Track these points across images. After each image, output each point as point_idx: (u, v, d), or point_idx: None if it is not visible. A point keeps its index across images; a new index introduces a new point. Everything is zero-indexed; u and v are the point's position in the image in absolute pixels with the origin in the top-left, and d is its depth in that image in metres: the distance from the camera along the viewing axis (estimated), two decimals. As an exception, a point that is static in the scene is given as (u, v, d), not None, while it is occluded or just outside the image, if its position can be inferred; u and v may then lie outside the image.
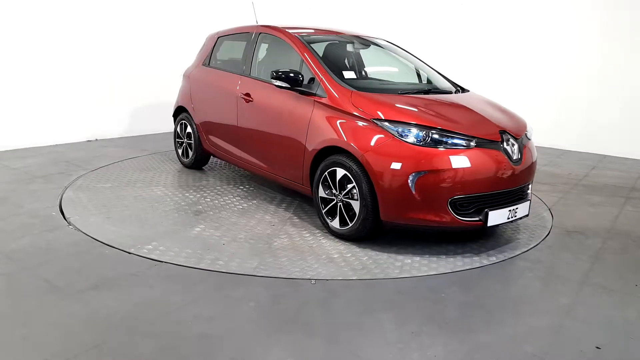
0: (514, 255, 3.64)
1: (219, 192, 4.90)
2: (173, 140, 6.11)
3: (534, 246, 3.83)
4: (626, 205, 5.00)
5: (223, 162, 6.12)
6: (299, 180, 4.15)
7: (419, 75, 4.81)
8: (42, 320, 2.56)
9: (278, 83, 4.08)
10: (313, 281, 3.10)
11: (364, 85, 4.12)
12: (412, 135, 3.37)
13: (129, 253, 3.41)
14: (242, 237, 3.77)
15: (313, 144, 3.87)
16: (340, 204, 3.71)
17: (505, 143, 3.57)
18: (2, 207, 4.23)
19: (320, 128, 3.81)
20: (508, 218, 3.55)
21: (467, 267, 3.39)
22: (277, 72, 4.02)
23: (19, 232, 3.71)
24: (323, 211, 3.87)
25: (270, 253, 3.51)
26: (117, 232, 3.77)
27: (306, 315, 2.71)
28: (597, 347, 2.49)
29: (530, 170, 3.81)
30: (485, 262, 3.49)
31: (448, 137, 3.38)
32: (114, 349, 2.34)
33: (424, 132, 3.37)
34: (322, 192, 3.85)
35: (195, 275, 3.15)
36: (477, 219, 3.43)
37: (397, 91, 4.11)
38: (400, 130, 3.40)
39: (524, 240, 3.93)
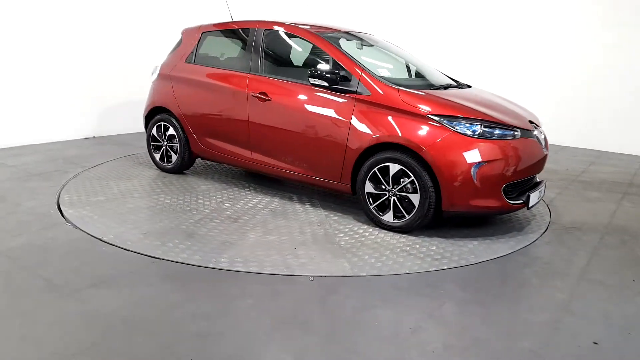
0: (511, 251, 3.65)
1: (232, 196, 4.70)
2: (147, 144, 5.57)
3: (532, 242, 3.84)
4: (623, 201, 5.01)
5: (206, 163, 5.89)
6: (335, 178, 4.13)
7: (409, 71, 4.81)
8: (40, 319, 2.56)
9: (318, 82, 4.03)
10: (311, 278, 3.10)
11: (396, 82, 4.10)
12: (469, 128, 3.62)
13: (128, 250, 3.41)
14: (304, 240, 3.71)
15: (359, 142, 3.89)
16: (394, 198, 3.81)
17: (535, 132, 4.00)
18: (-1, 205, 4.23)
19: (368, 125, 3.86)
20: (537, 199, 3.97)
21: (465, 263, 3.40)
22: (315, 71, 4.01)
23: (17, 230, 3.70)
24: (372, 207, 3.94)
25: (349, 252, 3.51)
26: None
27: (304, 313, 2.71)
28: (595, 343, 2.50)
29: (547, 156, 4.20)
30: (483, 258, 3.50)
31: (498, 128, 3.70)
32: (112, 347, 2.34)
33: (478, 125, 3.64)
34: (370, 188, 3.92)
35: (194, 272, 3.15)
36: (521, 201, 3.78)
37: (427, 87, 4.23)
38: (457, 124, 3.62)
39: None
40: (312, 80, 4.05)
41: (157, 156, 5.45)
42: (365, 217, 4.15)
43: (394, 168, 3.76)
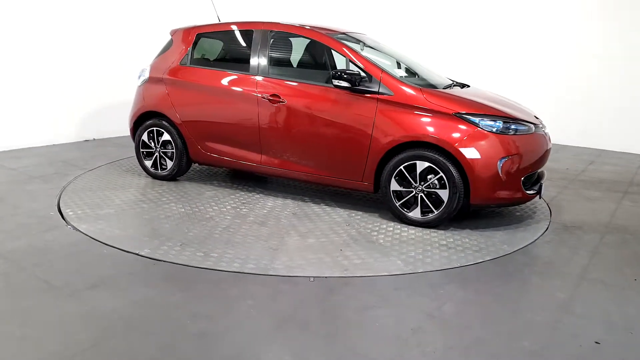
0: (512, 250, 3.64)
1: (243, 200, 4.61)
2: (136, 151, 5.29)
3: (532, 241, 3.84)
4: (624, 200, 5.01)
5: (195, 168, 5.72)
6: (356, 178, 4.19)
7: (407, 70, 4.83)
8: (40, 320, 2.56)
9: (341, 84, 4.05)
10: (311, 279, 3.10)
11: (414, 82, 4.27)
12: (492, 125, 3.84)
13: (127, 252, 3.41)
14: (344, 240, 3.73)
15: (384, 141, 3.98)
16: (422, 194, 3.92)
17: (541, 126, 4.24)
18: (-1, 208, 4.23)
19: (393, 124, 3.96)
20: (544, 189, 4.23)
21: (465, 263, 3.40)
22: (338, 72, 4.04)
23: (17, 232, 3.70)
24: (398, 204, 4.03)
25: (393, 250, 3.58)
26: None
27: (304, 313, 2.71)
28: (596, 342, 2.50)
29: (550, 149, 4.38)
30: (483, 258, 3.50)
31: (517, 124, 3.95)
32: (112, 348, 2.34)
33: (500, 122, 3.87)
34: (395, 186, 4.01)
35: (194, 273, 3.15)
36: (534, 191, 4.04)
37: (441, 87, 4.34)
38: (481, 121, 3.82)
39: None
40: (335, 82, 4.07)
41: (149, 163, 5.20)
42: (387, 214, 4.24)
43: (421, 165, 3.89)
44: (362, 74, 4.06)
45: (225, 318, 2.63)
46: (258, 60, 4.60)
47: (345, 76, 4.02)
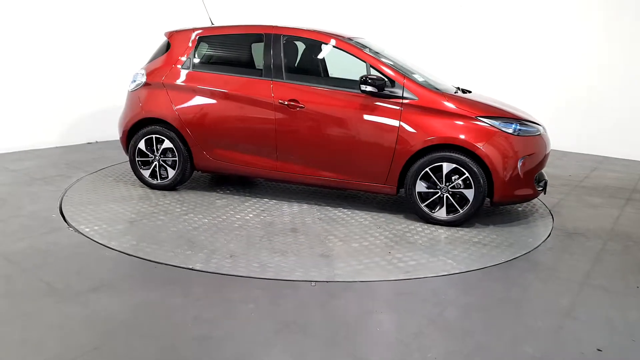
0: (514, 256, 3.63)
1: (260, 208, 4.52)
2: (131, 161, 4.96)
3: (535, 248, 3.83)
4: (627, 207, 4.99)
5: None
6: (379, 181, 4.28)
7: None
8: (41, 323, 2.56)
9: (368, 89, 4.13)
10: (313, 283, 3.09)
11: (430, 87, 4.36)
12: (510, 127, 4.08)
13: (129, 255, 3.41)
14: (386, 243, 3.78)
15: (411, 144, 4.10)
16: (447, 194, 4.09)
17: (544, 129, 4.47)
18: (1, 209, 4.23)
19: (420, 128, 4.10)
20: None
21: (468, 269, 3.39)
22: (366, 77, 4.11)
23: (19, 234, 3.70)
24: (423, 205, 4.18)
25: (436, 250, 3.69)
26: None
27: (306, 317, 2.70)
28: (598, 349, 2.48)
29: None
30: (486, 263, 3.49)
31: (529, 126, 4.21)
32: (113, 351, 2.34)
33: (517, 124, 4.12)
34: (420, 187, 4.15)
35: (194, 276, 3.14)
36: (541, 188, 4.32)
37: (454, 91, 4.51)
38: (500, 124, 4.06)
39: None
40: (363, 87, 4.13)
41: (147, 173, 4.91)
42: (409, 214, 4.40)
43: (448, 167, 4.04)
44: (386, 79, 4.15)
45: (227, 322, 2.62)
46: (272, 65, 4.51)
47: (371, 81, 4.10)
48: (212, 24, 5.08)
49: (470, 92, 4.70)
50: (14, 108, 6.45)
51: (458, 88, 4.73)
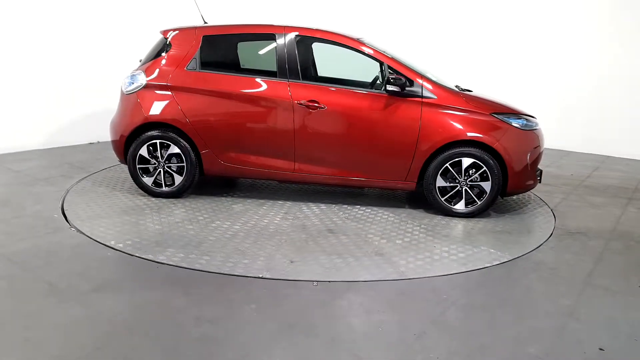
0: (516, 256, 3.63)
1: (282, 210, 4.46)
2: (130, 168, 4.63)
3: (537, 247, 3.82)
4: (629, 206, 4.99)
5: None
6: (400, 178, 4.43)
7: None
8: (43, 323, 2.56)
9: (394, 88, 4.27)
10: (315, 283, 3.09)
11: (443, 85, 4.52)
12: (518, 122, 4.35)
13: (131, 255, 3.41)
14: (425, 237, 3.92)
15: (432, 141, 4.27)
16: (466, 187, 4.33)
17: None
18: (4, 210, 4.23)
19: (440, 126, 4.28)
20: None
21: (470, 269, 3.39)
22: (390, 78, 4.25)
23: (21, 235, 3.71)
24: (443, 199, 4.40)
25: (476, 241, 3.88)
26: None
27: (308, 318, 2.70)
28: (601, 349, 2.48)
29: None
30: (488, 263, 3.48)
31: (530, 120, 4.48)
32: (115, 351, 2.34)
33: (524, 119, 4.39)
34: (441, 182, 4.36)
35: (197, 277, 3.14)
36: (539, 177, 4.60)
37: (463, 90, 4.64)
38: (511, 120, 4.33)
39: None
40: (389, 87, 4.27)
41: (149, 181, 4.64)
42: (429, 208, 4.57)
43: (467, 161, 4.25)
44: (404, 79, 4.28)
45: (229, 322, 2.62)
46: (287, 65, 4.44)
47: (393, 81, 4.24)
48: (205, 22, 4.94)
49: (470, 91, 4.69)
50: (16, 108, 6.46)
51: (457, 87, 4.73)
